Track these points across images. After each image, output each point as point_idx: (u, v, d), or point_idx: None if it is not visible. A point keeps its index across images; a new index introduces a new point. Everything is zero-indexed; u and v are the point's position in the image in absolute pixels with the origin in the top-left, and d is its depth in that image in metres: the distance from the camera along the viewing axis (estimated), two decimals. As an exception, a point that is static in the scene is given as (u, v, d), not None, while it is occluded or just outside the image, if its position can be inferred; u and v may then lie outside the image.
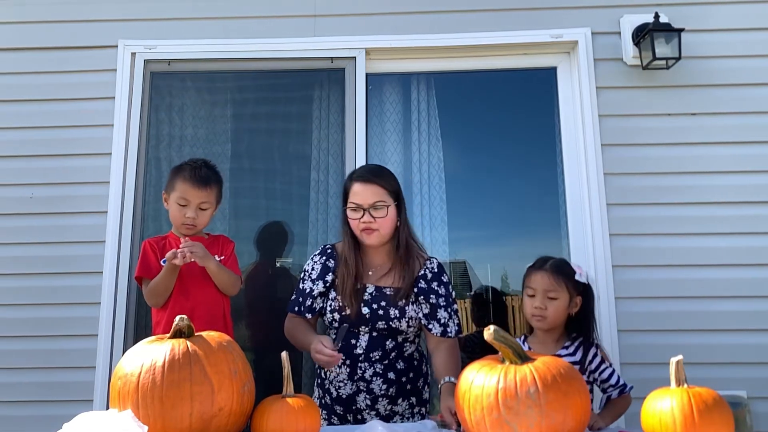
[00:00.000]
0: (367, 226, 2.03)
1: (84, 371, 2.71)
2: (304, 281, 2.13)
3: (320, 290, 2.09)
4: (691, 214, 2.77)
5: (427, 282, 2.09)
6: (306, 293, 2.11)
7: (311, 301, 2.10)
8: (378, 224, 2.03)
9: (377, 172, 2.14)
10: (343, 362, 2.01)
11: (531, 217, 3.14)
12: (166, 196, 2.27)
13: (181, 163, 2.31)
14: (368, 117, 3.02)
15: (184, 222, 2.21)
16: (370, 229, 2.04)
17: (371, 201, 2.03)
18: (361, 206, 2.03)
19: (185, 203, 2.20)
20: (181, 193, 2.20)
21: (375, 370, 2.01)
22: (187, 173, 2.21)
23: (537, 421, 1.23)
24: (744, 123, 2.83)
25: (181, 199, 2.20)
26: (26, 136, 2.94)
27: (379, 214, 2.03)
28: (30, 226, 2.85)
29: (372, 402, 2.01)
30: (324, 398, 2.07)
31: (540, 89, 3.11)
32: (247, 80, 3.14)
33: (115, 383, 1.34)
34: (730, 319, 2.68)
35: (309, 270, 2.15)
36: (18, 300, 2.79)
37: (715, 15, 2.93)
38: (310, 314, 2.10)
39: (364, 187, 2.05)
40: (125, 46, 3.00)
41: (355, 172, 2.19)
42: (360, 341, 2.01)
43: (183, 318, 1.40)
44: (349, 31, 3.00)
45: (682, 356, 1.38)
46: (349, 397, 2.01)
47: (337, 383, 2.03)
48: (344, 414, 2.03)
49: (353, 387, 2.01)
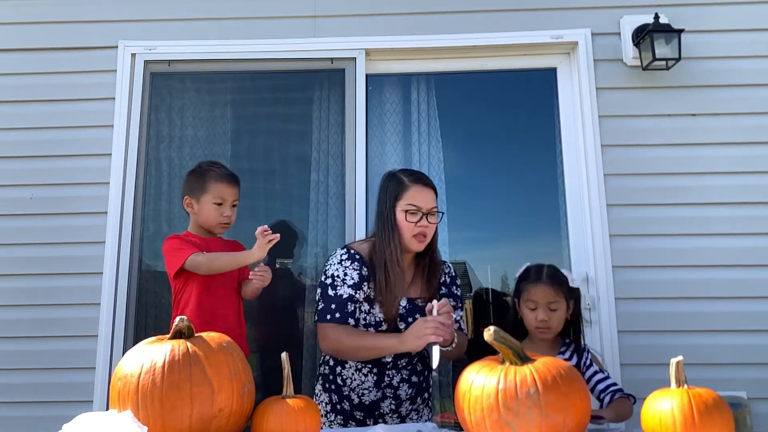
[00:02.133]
0: (423, 231, 1.97)
1: (84, 372, 2.71)
2: (338, 287, 1.97)
3: (361, 299, 1.99)
4: (691, 214, 2.77)
5: (447, 287, 2.13)
6: (345, 299, 1.96)
7: (353, 308, 1.97)
8: (430, 231, 2.00)
9: (428, 177, 2.09)
10: (369, 370, 1.99)
11: (531, 218, 3.14)
12: (193, 200, 2.25)
13: (202, 167, 2.30)
14: (368, 118, 3.02)
15: (221, 221, 2.24)
16: (424, 235, 1.98)
17: (431, 206, 1.99)
18: (420, 209, 1.97)
19: (222, 202, 2.23)
20: (218, 193, 2.23)
21: (402, 376, 2.02)
22: (218, 173, 2.25)
23: (537, 422, 1.23)
24: (744, 124, 2.83)
25: (219, 198, 2.23)
26: (26, 136, 2.94)
27: (433, 220, 2.00)
28: (30, 226, 2.85)
29: (396, 406, 2.02)
30: (341, 404, 2.03)
31: (540, 90, 3.11)
32: (247, 81, 3.14)
33: (114, 384, 1.34)
34: (731, 319, 2.68)
35: (342, 276, 1.99)
36: (18, 301, 2.79)
37: (715, 16, 2.93)
38: (353, 321, 1.97)
39: (425, 192, 2.01)
40: (125, 47, 3.00)
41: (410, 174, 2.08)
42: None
43: (183, 319, 1.40)
44: (349, 31, 3.00)
45: (682, 357, 1.38)
46: (373, 403, 2.00)
47: (361, 390, 2.00)
48: (364, 419, 2.01)
49: (379, 393, 2.00)
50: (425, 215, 1.97)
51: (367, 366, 2.00)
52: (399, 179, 2.05)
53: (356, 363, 2.01)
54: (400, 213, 1.98)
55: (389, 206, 2.01)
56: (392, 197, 2.01)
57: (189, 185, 2.28)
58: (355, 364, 2.01)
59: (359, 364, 2.00)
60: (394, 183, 2.05)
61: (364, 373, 2.00)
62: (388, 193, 2.03)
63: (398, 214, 1.99)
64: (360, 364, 2.00)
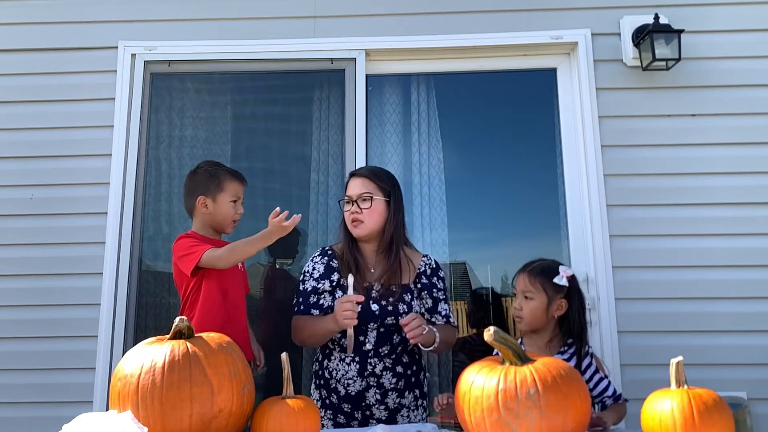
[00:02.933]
0: (354, 216, 2.13)
1: (84, 372, 2.71)
2: (306, 282, 2.16)
3: (327, 288, 2.13)
4: (691, 215, 2.77)
5: (428, 277, 2.20)
6: (309, 292, 2.13)
7: (316, 298, 2.12)
8: (364, 215, 2.12)
9: (372, 168, 2.28)
10: (352, 359, 2.05)
11: (531, 219, 3.14)
12: (208, 200, 2.22)
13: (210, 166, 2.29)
14: (368, 118, 3.02)
15: (236, 218, 2.28)
16: (357, 221, 2.13)
17: (359, 192, 2.13)
18: (351, 198, 2.15)
19: (236, 199, 2.27)
20: (234, 191, 2.26)
21: (384, 364, 2.06)
22: (230, 172, 2.28)
23: (537, 423, 1.23)
24: (744, 124, 2.83)
25: (235, 196, 2.26)
26: (26, 137, 2.94)
27: (365, 205, 2.12)
28: (30, 227, 2.85)
29: (382, 396, 2.05)
30: (330, 398, 2.08)
31: (540, 90, 3.11)
32: (247, 81, 3.14)
33: (114, 384, 1.34)
34: (731, 320, 2.68)
35: (310, 270, 2.17)
36: (18, 301, 2.79)
37: (714, 16, 2.93)
38: (317, 311, 2.11)
39: (355, 180, 2.19)
40: (125, 47, 3.00)
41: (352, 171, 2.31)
42: (369, 337, 2.06)
43: (183, 319, 1.40)
44: (349, 32, 3.00)
45: (683, 357, 1.38)
46: (359, 393, 2.04)
47: (345, 381, 2.05)
48: (352, 411, 2.04)
49: (363, 383, 2.04)
50: (354, 201, 2.13)
51: (349, 356, 2.06)
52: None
53: (340, 354, 2.08)
54: (344, 205, 2.19)
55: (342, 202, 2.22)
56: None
57: (203, 185, 2.24)
58: (339, 355, 2.08)
59: (342, 354, 2.07)
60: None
61: (347, 362, 2.06)
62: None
63: (344, 207, 2.19)
64: (343, 354, 2.07)
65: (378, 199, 2.13)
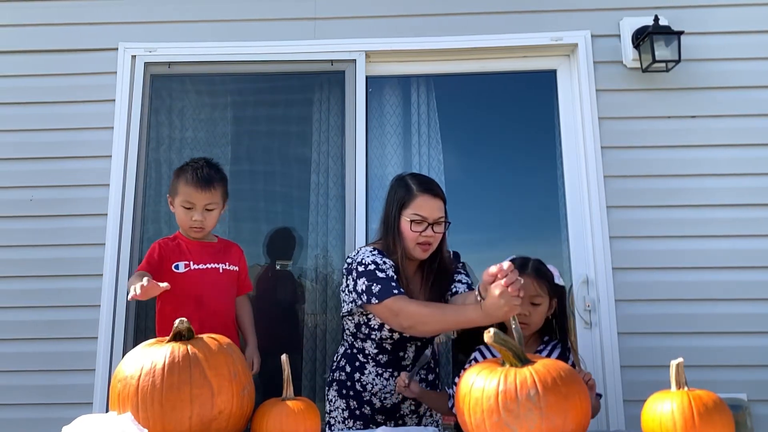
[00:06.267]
0: (428, 240, 1.96)
1: (84, 374, 2.71)
2: (386, 270, 1.91)
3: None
4: (691, 216, 2.77)
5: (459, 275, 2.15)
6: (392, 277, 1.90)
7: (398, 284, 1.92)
8: (435, 240, 1.98)
9: (438, 185, 2.05)
10: (390, 374, 2.02)
11: (531, 220, 3.14)
12: (171, 200, 2.22)
13: (183, 165, 2.25)
14: (368, 119, 3.02)
15: (192, 225, 2.16)
16: (429, 245, 1.97)
17: (437, 216, 1.97)
18: (426, 220, 1.95)
19: (190, 206, 2.14)
20: (185, 197, 2.13)
21: (420, 376, 2.06)
22: (189, 175, 2.14)
23: (537, 424, 1.23)
24: (744, 125, 2.83)
25: (186, 202, 2.14)
26: (26, 138, 2.94)
27: (439, 229, 1.98)
28: (30, 228, 2.85)
29: (416, 407, 2.07)
30: (361, 409, 2.03)
31: (540, 92, 3.11)
32: (247, 83, 3.14)
33: (114, 386, 1.34)
34: (731, 321, 2.67)
35: (381, 262, 1.94)
36: (18, 302, 2.79)
37: (714, 17, 2.94)
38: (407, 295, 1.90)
39: (432, 201, 1.97)
40: (125, 49, 3.00)
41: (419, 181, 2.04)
42: (407, 353, 2.05)
43: (183, 321, 1.40)
44: (349, 33, 3.00)
45: (683, 359, 1.38)
46: (394, 405, 2.04)
47: (383, 395, 2.03)
48: (385, 422, 2.04)
49: (399, 396, 2.03)
50: (431, 225, 1.95)
51: (387, 370, 2.02)
52: (407, 186, 2.02)
53: (376, 368, 2.02)
54: (405, 221, 1.96)
55: (395, 213, 1.99)
56: (399, 204, 1.99)
57: (171, 184, 2.23)
58: (376, 369, 2.03)
59: (380, 369, 2.02)
60: (402, 189, 2.02)
61: (386, 377, 2.02)
62: (396, 199, 2.01)
63: (403, 223, 1.97)
64: (381, 368, 2.02)
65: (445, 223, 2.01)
